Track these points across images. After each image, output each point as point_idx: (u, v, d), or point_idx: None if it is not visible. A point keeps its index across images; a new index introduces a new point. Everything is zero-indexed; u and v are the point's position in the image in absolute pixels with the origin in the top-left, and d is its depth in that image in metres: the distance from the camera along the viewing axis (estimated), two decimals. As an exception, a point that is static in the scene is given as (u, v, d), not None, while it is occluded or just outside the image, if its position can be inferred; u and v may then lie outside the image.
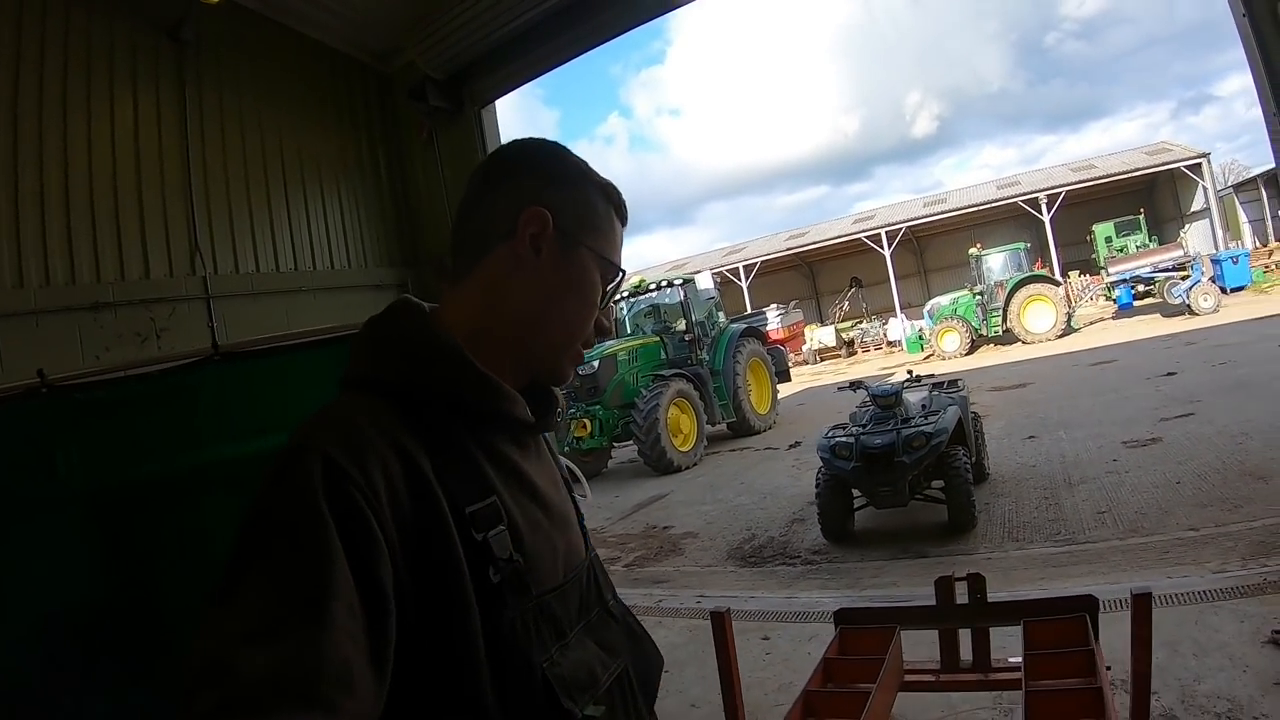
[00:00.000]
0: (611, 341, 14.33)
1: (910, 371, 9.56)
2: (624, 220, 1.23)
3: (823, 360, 32.66)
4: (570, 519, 1.20)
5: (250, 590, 0.81)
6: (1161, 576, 5.17)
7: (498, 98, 6.93)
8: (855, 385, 8.72)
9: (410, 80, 6.63)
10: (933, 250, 39.97)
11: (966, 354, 24.27)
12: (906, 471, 7.07)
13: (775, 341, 22.23)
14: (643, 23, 6.52)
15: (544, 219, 1.09)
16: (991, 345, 25.42)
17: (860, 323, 33.87)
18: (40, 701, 2.63)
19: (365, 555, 0.85)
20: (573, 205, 1.13)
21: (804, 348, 32.55)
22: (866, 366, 27.57)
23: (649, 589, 7.17)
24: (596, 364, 13.19)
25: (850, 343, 33.14)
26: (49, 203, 5.03)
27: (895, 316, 32.01)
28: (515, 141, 1.20)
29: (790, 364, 21.93)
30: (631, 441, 13.51)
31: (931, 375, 9.64)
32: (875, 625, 3.42)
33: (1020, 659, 3.35)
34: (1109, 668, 2.89)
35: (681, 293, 15.51)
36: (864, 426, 7.52)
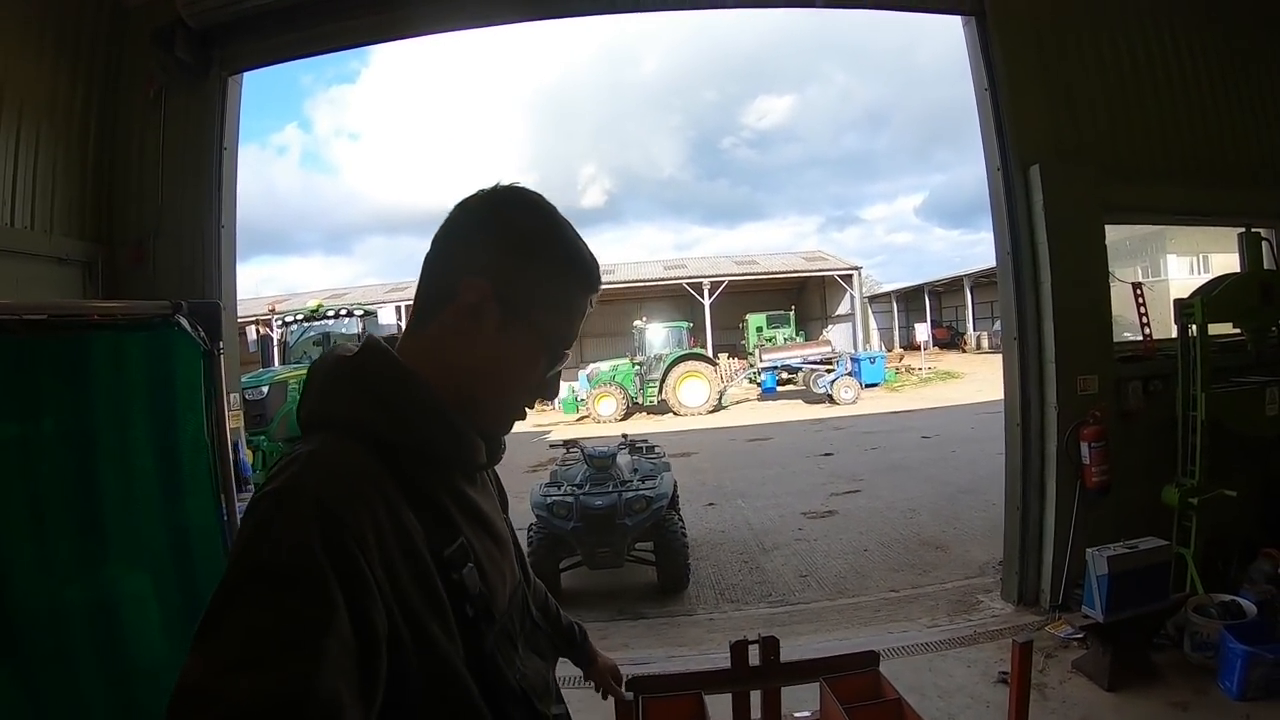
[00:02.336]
0: (282, 368, 13.40)
1: (625, 435, 9.91)
2: (594, 292, 1.26)
3: (477, 414, 32.77)
4: (510, 544, 1.32)
5: (241, 624, 0.84)
6: (884, 632, 5.90)
7: (254, 69, 6.24)
8: (569, 444, 8.91)
9: (156, 19, 5.72)
10: (590, 317, 41.40)
11: (621, 419, 25.61)
12: (628, 534, 7.32)
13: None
14: (432, 33, 6.35)
15: (482, 290, 1.13)
16: (646, 414, 27.21)
17: (514, 380, 34.36)
18: None
19: (358, 598, 0.90)
20: (523, 278, 1.16)
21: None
22: (519, 422, 28.08)
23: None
24: (266, 389, 12.19)
25: (504, 398, 33.53)
26: None
27: (550, 377, 32.91)
28: (482, 194, 1.20)
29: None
30: None
31: (644, 439, 10.01)
32: (679, 693, 3.57)
33: (809, 714, 3.66)
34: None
35: (361, 325, 14.89)
36: (580, 487, 7.66)
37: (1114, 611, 4.50)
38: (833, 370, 26.63)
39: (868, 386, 27.45)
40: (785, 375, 29.08)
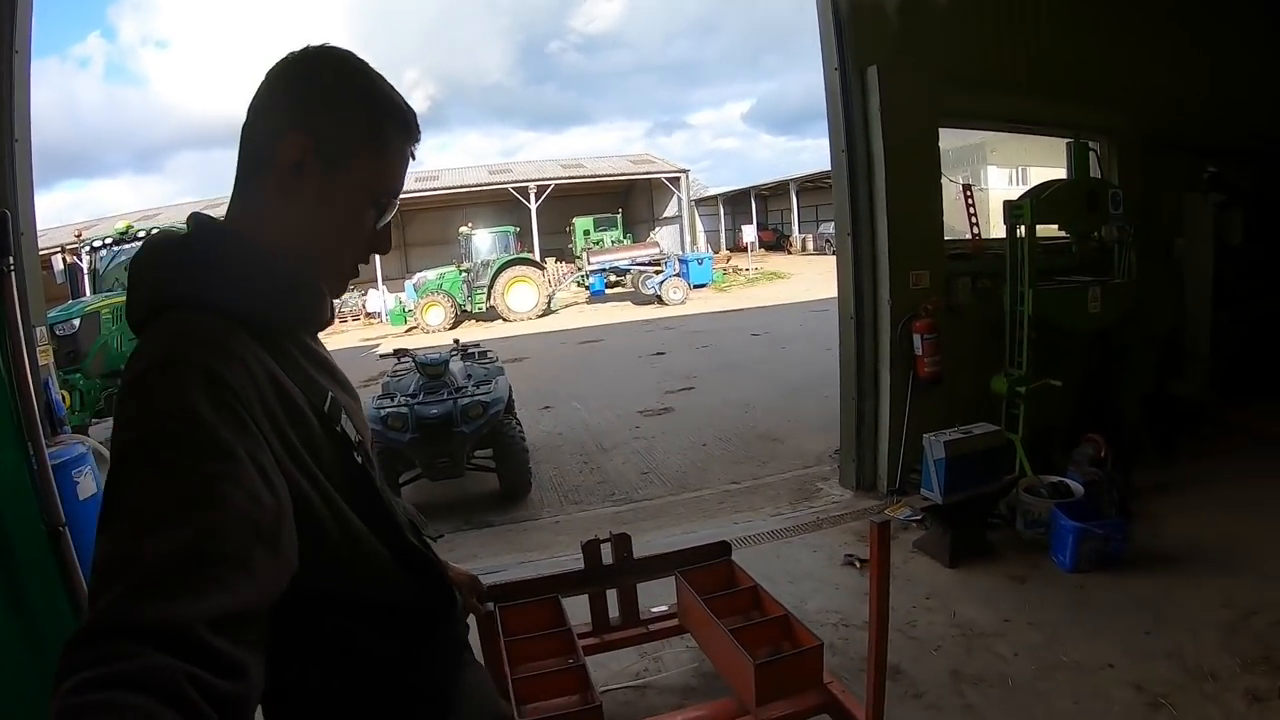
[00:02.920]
0: (93, 297, 12.25)
1: (457, 340, 9.62)
2: (413, 140, 1.25)
3: (296, 327, 31.39)
4: (358, 398, 1.36)
5: (143, 494, 0.84)
6: (729, 523, 6.02)
7: None
8: (399, 354, 8.57)
9: None
10: (416, 225, 40.83)
11: (451, 328, 25.10)
12: (466, 442, 7.10)
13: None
14: None
15: (302, 146, 1.13)
16: (475, 321, 26.78)
17: (338, 292, 33.21)
18: None
19: (252, 451, 0.92)
20: (339, 128, 1.15)
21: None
22: (346, 337, 27.02)
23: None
24: (78, 323, 11.10)
25: (329, 311, 32.37)
26: None
27: (376, 288, 32.00)
28: (291, 55, 1.19)
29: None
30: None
31: (478, 345, 9.76)
32: (536, 598, 3.52)
33: (666, 608, 3.71)
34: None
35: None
36: (414, 397, 7.32)
37: (951, 493, 4.71)
38: (661, 272, 26.86)
39: (696, 287, 27.88)
40: (614, 278, 29.24)
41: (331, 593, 1.09)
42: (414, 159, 1.27)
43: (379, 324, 29.41)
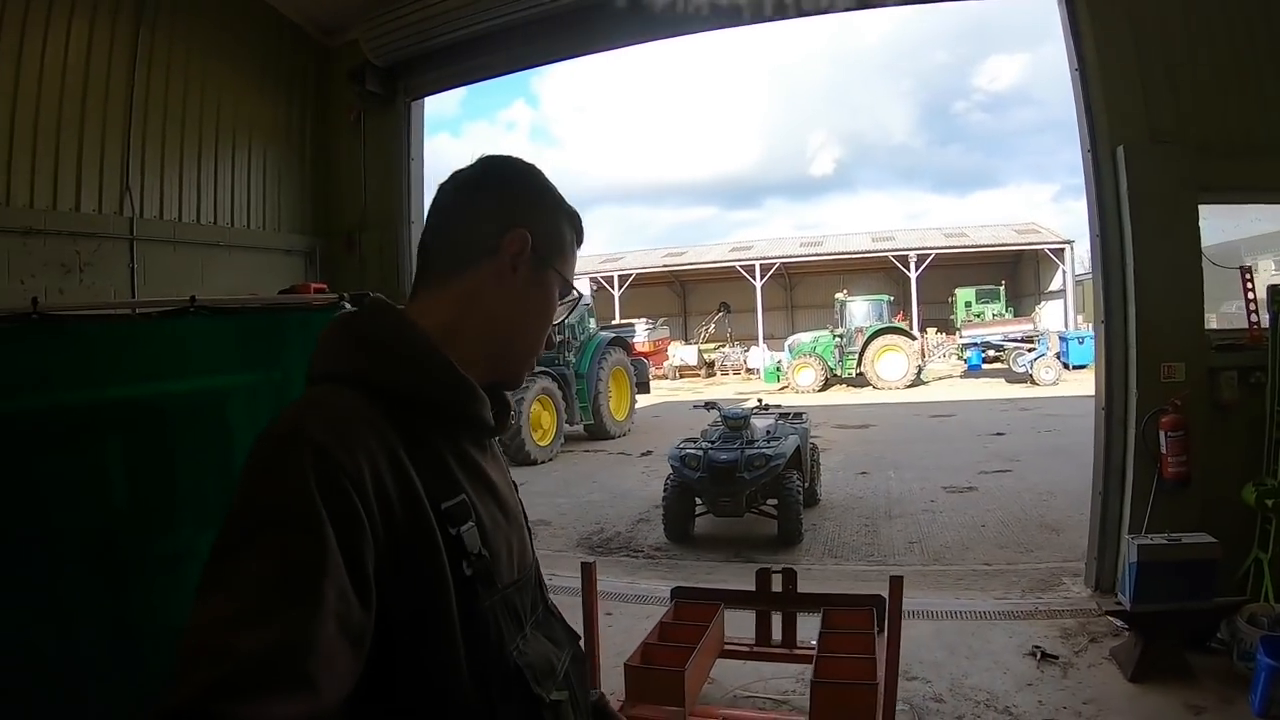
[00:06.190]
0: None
1: (760, 399, 10.35)
2: (581, 244, 1.33)
3: (682, 377, 33.28)
4: (521, 520, 1.28)
5: (244, 575, 0.85)
6: (952, 598, 6.06)
7: (430, 95, 7.65)
8: (709, 405, 9.49)
9: (350, 61, 7.22)
10: (802, 288, 41.60)
11: (819, 390, 25.56)
12: (745, 486, 7.96)
13: (640, 354, 22.69)
14: (583, 55, 7.50)
15: (525, 241, 1.18)
16: (844, 386, 26.87)
17: (723, 346, 34.77)
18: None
19: (354, 543, 0.90)
20: (546, 229, 1.23)
21: (666, 363, 32.99)
22: (723, 389, 28.27)
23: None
24: None
25: (711, 364, 33.92)
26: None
27: (758, 345, 33.05)
28: (497, 158, 1.27)
29: (651, 377, 22.40)
30: None
31: (779, 406, 10.46)
32: (704, 601, 4.27)
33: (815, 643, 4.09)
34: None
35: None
36: (713, 442, 8.40)
37: (1140, 601, 4.43)
38: (1034, 349, 25.01)
39: (1076, 368, 25.50)
40: (992, 353, 27.82)
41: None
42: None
43: (756, 380, 30.33)
